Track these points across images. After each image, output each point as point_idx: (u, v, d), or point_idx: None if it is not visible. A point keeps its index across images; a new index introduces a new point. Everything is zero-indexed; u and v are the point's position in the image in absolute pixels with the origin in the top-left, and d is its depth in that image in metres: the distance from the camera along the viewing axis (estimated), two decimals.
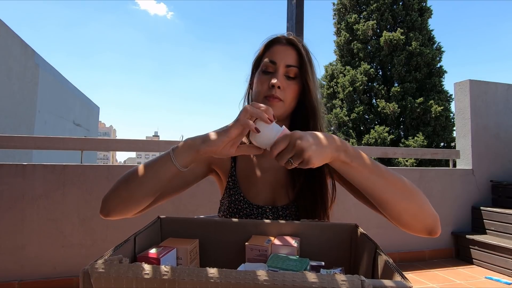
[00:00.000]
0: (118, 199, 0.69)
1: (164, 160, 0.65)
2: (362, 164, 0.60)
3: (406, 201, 0.61)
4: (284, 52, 0.82)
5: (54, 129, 9.72)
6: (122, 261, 0.41)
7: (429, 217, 0.63)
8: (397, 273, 0.39)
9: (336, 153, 0.58)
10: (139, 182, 0.67)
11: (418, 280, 2.50)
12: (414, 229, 0.64)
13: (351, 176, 0.61)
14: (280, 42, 0.84)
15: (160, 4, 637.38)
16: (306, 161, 0.56)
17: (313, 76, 0.83)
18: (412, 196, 0.62)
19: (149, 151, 2.64)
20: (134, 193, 0.68)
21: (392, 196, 0.60)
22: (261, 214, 0.83)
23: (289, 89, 0.81)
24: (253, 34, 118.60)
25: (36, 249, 2.11)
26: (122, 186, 0.69)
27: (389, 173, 0.62)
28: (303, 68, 0.81)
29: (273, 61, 0.82)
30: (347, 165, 0.60)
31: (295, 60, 0.82)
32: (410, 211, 0.62)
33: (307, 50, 0.84)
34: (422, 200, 0.63)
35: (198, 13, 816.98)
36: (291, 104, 0.82)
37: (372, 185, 0.60)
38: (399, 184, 0.61)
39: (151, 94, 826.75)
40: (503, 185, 3.13)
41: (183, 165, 0.64)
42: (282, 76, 0.80)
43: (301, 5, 2.28)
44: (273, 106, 0.78)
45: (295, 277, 0.35)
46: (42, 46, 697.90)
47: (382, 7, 11.83)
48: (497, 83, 3.42)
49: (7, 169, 2.10)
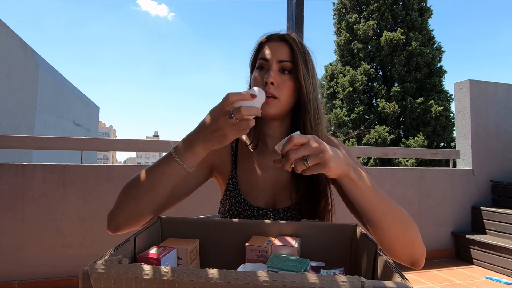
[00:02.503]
0: (126, 212, 0.66)
1: (169, 163, 0.64)
2: (367, 185, 0.60)
3: (400, 230, 0.62)
4: (276, 48, 0.80)
5: (54, 129, 9.72)
6: (122, 261, 0.41)
7: (418, 250, 0.64)
8: (397, 274, 0.39)
9: (346, 168, 0.58)
10: (146, 190, 0.65)
11: (418, 280, 2.50)
12: (400, 258, 0.64)
13: (355, 195, 0.60)
14: (272, 39, 0.83)
15: (161, 5, 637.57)
16: (324, 163, 0.55)
17: (308, 70, 0.80)
18: (407, 227, 0.63)
19: (149, 151, 2.64)
20: (141, 203, 0.65)
21: (388, 223, 0.60)
22: (262, 216, 0.82)
23: (284, 85, 0.78)
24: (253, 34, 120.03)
25: (36, 249, 2.11)
26: (127, 197, 0.67)
27: (390, 200, 0.62)
28: (296, 62, 0.79)
29: (265, 58, 0.80)
30: (354, 183, 0.59)
31: (287, 55, 0.80)
32: (402, 240, 0.62)
33: (301, 44, 0.82)
34: (415, 233, 0.64)
35: (199, 14, 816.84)
36: (287, 101, 0.79)
37: (373, 208, 0.60)
38: (397, 213, 0.62)
39: (152, 94, 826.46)
40: (503, 185, 3.13)
41: (190, 165, 0.64)
42: (275, 72, 0.78)
43: (301, 5, 2.28)
44: (268, 105, 0.76)
45: (294, 278, 0.35)
46: (43, 46, 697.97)
47: (382, 7, 11.82)
48: (497, 83, 3.42)
49: (7, 169, 2.10)
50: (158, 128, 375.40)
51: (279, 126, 0.86)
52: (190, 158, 0.63)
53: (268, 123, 0.86)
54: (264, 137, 0.89)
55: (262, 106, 0.73)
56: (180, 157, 0.63)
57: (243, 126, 0.58)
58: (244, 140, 0.92)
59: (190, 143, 0.63)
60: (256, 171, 0.87)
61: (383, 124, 11.43)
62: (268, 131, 0.87)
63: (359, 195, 0.60)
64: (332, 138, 0.89)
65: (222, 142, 0.61)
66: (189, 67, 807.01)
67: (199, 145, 0.62)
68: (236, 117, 0.57)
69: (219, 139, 0.60)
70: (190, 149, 0.62)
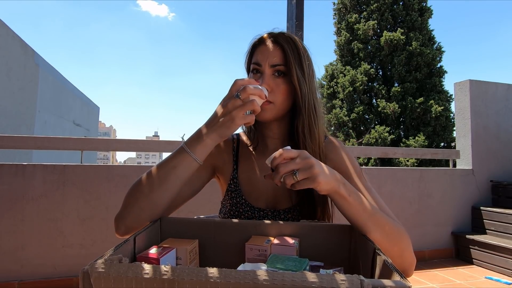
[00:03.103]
0: (136, 210, 0.66)
1: (180, 155, 0.66)
2: (358, 201, 0.61)
3: (389, 243, 0.63)
4: (268, 52, 0.78)
5: (54, 129, 9.72)
6: (122, 260, 0.41)
7: (407, 261, 0.65)
8: (396, 273, 0.39)
9: (336, 183, 0.59)
10: (158, 184, 0.66)
11: (418, 280, 2.50)
12: None
13: (345, 210, 0.61)
14: (264, 42, 0.81)
15: (162, 5, 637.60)
16: (313, 178, 0.56)
17: (303, 71, 0.78)
18: (396, 240, 0.64)
19: (149, 151, 2.64)
20: (153, 198, 0.66)
21: (376, 237, 0.61)
22: (262, 217, 0.83)
23: (278, 89, 0.77)
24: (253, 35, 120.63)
25: (36, 249, 2.11)
26: (138, 194, 0.67)
27: (379, 214, 0.63)
28: (288, 66, 0.77)
29: (258, 63, 0.79)
30: (345, 199, 0.60)
31: (280, 58, 0.78)
32: (390, 253, 0.63)
33: (294, 44, 0.79)
34: (405, 245, 0.65)
35: (200, 14, 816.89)
36: (283, 104, 0.79)
37: (363, 223, 0.61)
38: (386, 227, 0.63)
39: (152, 94, 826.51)
40: (503, 185, 3.13)
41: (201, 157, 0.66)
42: (269, 76, 0.77)
43: (301, 5, 2.28)
44: (264, 110, 0.76)
45: (294, 276, 0.35)
46: (43, 46, 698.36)
47: (382, 7, 11.82)
48: (497, 83, 3.42)
49: (7, 169, 2.10)
50: (158, 128, 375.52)
51: (278, 127, 0.86)
52: (201, 150, 0.65)
53: (267, 125, 0.86)
54: (264, 138, 0.89)
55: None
56: (191, 149, 0.65)
57: (249, 106, 0.61)
58: (244, 141, 0.92)
59: (200, 135, 0.65)
60: (257, 172, 0.87)
61: (383, 124, 11.43)
62: (267, 133, 0.88)
63: (351, 211, 0.61)
64: (332, 138, 0.88)
65: (230, 127, 0.62)
66: (189, 67, 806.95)
67: (209, 135, 0.64)
68: (241, 95, 0.60)
69: (228, 124, 0.62)
70: (201, 140, 0.64)
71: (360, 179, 0.79)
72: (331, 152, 0.84)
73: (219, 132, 0.63)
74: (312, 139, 0.80)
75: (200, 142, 0.65)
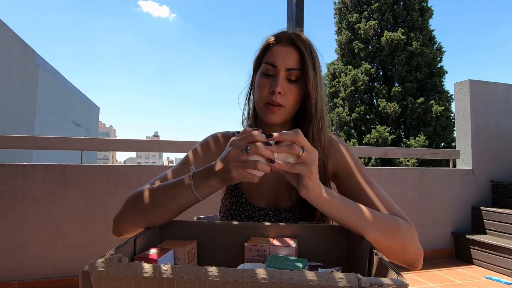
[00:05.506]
0: (130, 221, 0.67)
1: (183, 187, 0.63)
2: (343, 203, 0.60)
3: (386, 239, 0.62)
4: (285, 54, 0.76)
5: (54, 129, 9.73)
6: (122, 260, 0.42)
7: (411, 254, 0.64)
8: (392, 271, 0.39)
9: (319, 190, 0.58)
10: (155, 207, 0.65)
11: (418, 280, 2.50)
12: (393, 261, 0.64)
13: (333, 215, 0.60)
14: (281, 42, 0.79)
15: (163, 6, 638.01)
16: (310, 165, 0.55)
17: (316, 79, 0.77)
18: (394, 235, 0.63)
19: (149, 151, 2.65)
20: (147, 217, 0.65)
21: (372, 235, 0.60)
22: (263, 216, 0.82)
23: (291, 93, 0.76)
24: (254, 35, 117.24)
25: (36, 249, 2.12)
26: (135, 208, 0.67)
27: (369, 212, 0.62)
28: (305, 70, 0.76)
29: (273, 64, 0.77)
30: (331, 204, 0.59)
31: (296, 62, 0.76)
32: (390, 249, 0.62)
33: (310, 48, 0.78)
34: (405, 238, 0.63)
35: (200, 15, 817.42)
36: (293, 108, 0.79)
37: (354, 224, 0.60)
38: (378, 224, 0.61)
39: (152, 95, 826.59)
40: (503, 185, 3.13)
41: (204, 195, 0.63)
42: (283, 80, 0.76)
43: (301, 5, 2.28)
44: (274, 113, 0.76)
45: (292, 275, 0.36)
46: (43, 47, 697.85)
47: (383, 7, 11.82)
48: (497, 83, 3.42)
49: (7, 169, 2.10)
50: (158, 128, 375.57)
51: (281, 129, 0.85)
52: (205, 189, 0.61)
53: (269, 126, 0.86)
54: None
55: (267, 114, 0.77)
56: (195, 184, 0.61)
57: (251, 166, 0.54)
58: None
59: (208, 173, 0.61)
60: None
61: (383, 124, 11.43)
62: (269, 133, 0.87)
63: (337, 214, 0.60)
64: (333, 136, 0.88)
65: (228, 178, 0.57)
66: (190, 67, 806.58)
67: (214, 177, 0.60)
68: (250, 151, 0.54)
69: (225, 175, 0.57)
70: (207, 180, 0.61)
71: (362, 174, 0.78)
72: (330, 148, 0.84)
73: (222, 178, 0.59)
74: (320, 143, 0.80)
75: (205, 181, 0.61)
